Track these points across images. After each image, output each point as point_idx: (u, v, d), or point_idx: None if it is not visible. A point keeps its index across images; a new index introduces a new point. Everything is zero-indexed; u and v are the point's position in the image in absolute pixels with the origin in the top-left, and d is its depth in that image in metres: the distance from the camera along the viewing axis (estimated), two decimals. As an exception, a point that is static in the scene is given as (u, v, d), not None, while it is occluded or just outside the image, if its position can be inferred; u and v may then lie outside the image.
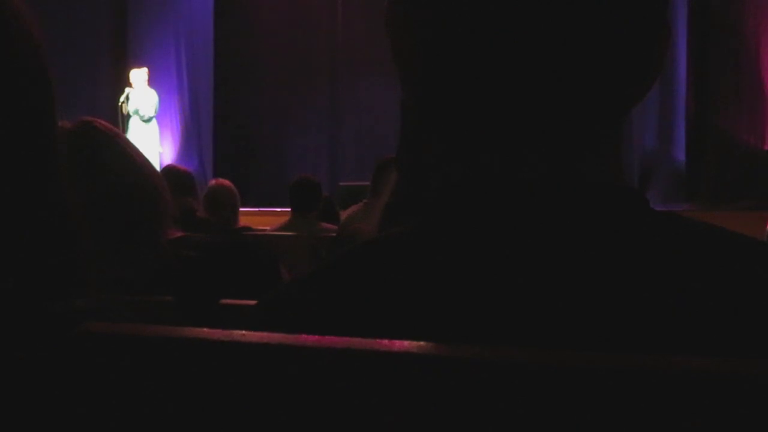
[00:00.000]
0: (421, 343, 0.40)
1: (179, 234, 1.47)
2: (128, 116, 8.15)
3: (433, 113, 0.56)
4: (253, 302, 0.58)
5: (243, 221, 4.46)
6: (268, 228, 4.39)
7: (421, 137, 0.58)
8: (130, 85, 8.25)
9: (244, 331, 0.42)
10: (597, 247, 0.49)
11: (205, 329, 0.43)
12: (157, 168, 1.76)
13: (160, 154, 8.29)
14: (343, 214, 4.45)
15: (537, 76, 0.51)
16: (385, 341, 0.40)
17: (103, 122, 1.50)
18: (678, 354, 0.39)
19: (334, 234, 3.75)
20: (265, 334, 0.42)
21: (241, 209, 4.33)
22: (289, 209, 4.42)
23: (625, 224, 0.51)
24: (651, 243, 0.50)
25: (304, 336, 0.41)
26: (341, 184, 7.37)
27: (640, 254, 0.49)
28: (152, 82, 8.41)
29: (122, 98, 8.18)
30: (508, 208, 0.51)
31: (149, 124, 8.22)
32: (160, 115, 8.50)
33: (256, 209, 7.44)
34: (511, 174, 0.52)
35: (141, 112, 8.13)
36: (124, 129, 7.81)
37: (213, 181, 4.47)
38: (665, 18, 0.55)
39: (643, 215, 0.52)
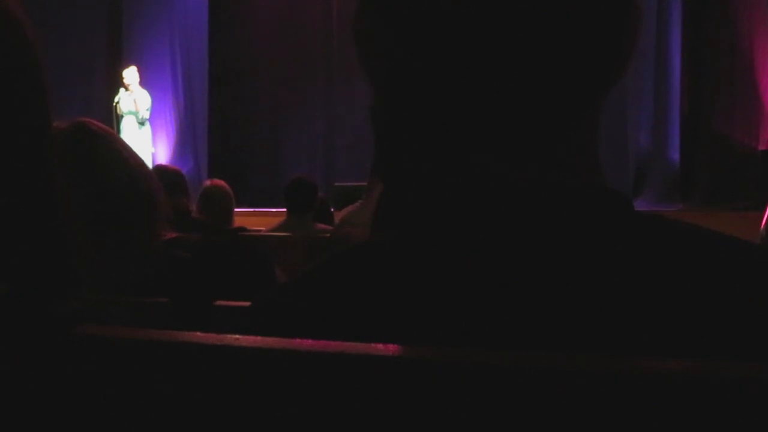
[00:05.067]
0: (415, 347, 0.40)
1: (173, 235, 1.46)
2: (121, 116, 8.13)
3: (402, 119, 0.56)
4: (247, 303, 0.58)
5: (238, 222, 4.46)
6: (263, 228, 4.39)
7: (394, 144, 0.57)
8: (123, 85, 8.23)
9: (237, 336, 0.42)
10: (579, 249, 0.49)
11: (198, 333, 0.43)
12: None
13: (153, 155, 8.27)
14: (338, 215, 4.45)
15: (504, 73, 0.51)
16: (379, 345, 0.40)
17: (97, 123, 1.50)
18: (660, 355, 0.39)
19: (328, 235, 3.75)
20: (257, 338, 0.42)
21: (236, 210, 4.32)
22: (284, 210, 4.42)
23: (607, 226, 0.51)
24: (633, 245, 0.50)
25: (297, 340, 0.41)
26: (336, 184, 7.37)
27: (622, 256, 0.49)
28: (147, 81, 8.39)
29: (116, 99, 8.17)
30: (490, 211, 0.51)
31: (142, 124, 8.19)
32: (155, 116, 8.48)
33: (251, 210, 7.44)
34: (487, 177, 0.52)
35: (134, 113, 8.11)
36: (118, 129, 7.79)
37: (208, 182, 4.46)
38: (632, 1, 0.55)
39: (625, 216, 0.52)
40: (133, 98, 8.11)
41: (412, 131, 0.55)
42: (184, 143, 9.06)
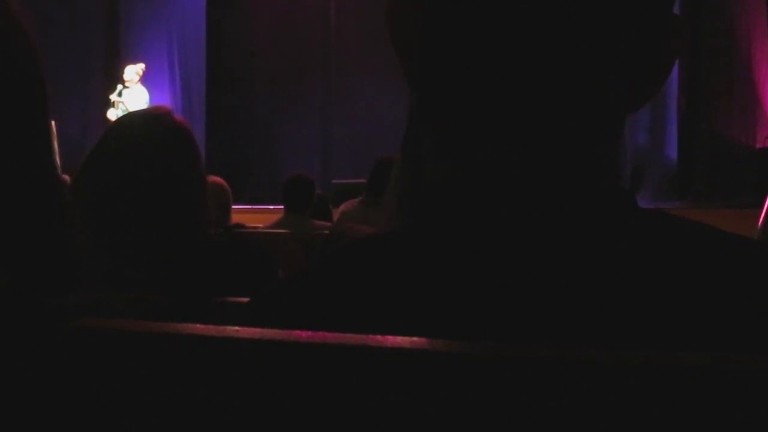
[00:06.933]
0: (414, 338, 0.40)
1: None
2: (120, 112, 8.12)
3: (430, 107, 0.56)
4: (246, 299, 0.59)
5: (235, 219, 4.45)
6: (260, 225, 4.38)
7: (421, 132, 0.58)
8: (123, 82, 8.22)
9: (237, 327, 0.43)
10: (581, 245, 0.49)
11: (198, 325, 0.44)
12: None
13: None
14: (336, 212, 4.45)
15: (534, 74, 0.51)
16: (378, 337, 0.40)
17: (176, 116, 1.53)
18: (662, 350, 0.39)
19: (326, 232, 3.75)
20: (257, 330, 0.42)
21: (233, 207, 4.32)
22: (281, 207, 4.42)
23: (609, 223, 0.51)
24: (636, 241, 0.50)
25: (296, 332, 0.41)
26: (334, 182, 7.37)
27: (624, 252, 0.49)
28: (145, 79, 8.38)
29: (114, 95, 8.15)
30: (495, 207, 0.51)
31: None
32: (153, 113, 8.44)
33: (249, 207, 7.43)
34: (501, 173, 0.52)
35: (131, 109, 8.09)
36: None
37: (205, 179, 4.44)
38: (671, 13, 0.54)
39: (628, 213, 0.52)
40: (128, 95, 8.08)
41: (437, 119, 0.56)
42: (181, 141, 9.01)
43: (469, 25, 0.51)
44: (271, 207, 6.79)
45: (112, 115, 7.99)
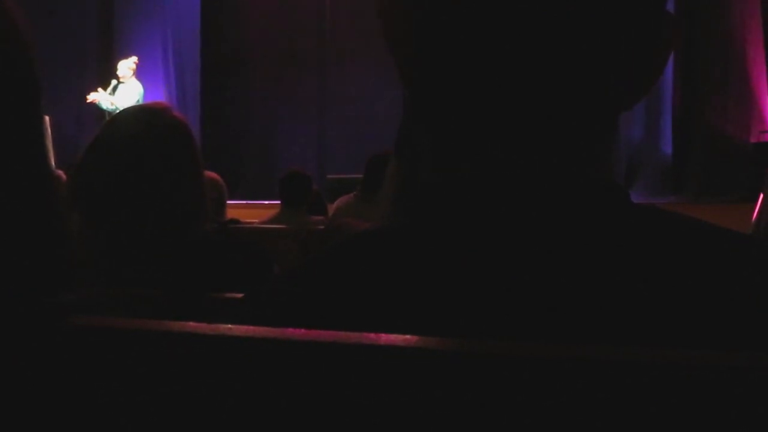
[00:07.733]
0: (408, 336, 0.40)
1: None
2: (114, 108, 8.10)
3: (424, 106, 0.56)
4: (240, 295, 0.59)
5: (231, 214, 4.45)
6: (255, 221, 4.38)
7: (415, 130, 0.58)
8: (117, 78, 8.20)
9: (230, 325, 0.43)
10: (577, 242, 0.49)
11: (191, 323, 0.44)
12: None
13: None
14: (332, 207, 4.46)
15: (531, 72, 0.51)
16: (372, 334, 0.40)
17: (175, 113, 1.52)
18: (657, 347, 0.39)
19: (322, 227, 3.76)
20: (251, 327, 0.42)
21: (229, 202, 4.32)
22: (277, 202, 4.42)
23: (604, 219, 0.51)
24: (630, 237, 0.50)
25: (290, 329, 0.41)
26: (329, 177, 7.37)
27: (619, 249, 0.49)
28: (139, 74, 8.37)
29: (108, 90, 8.13)
30: (492, 204, 0.52)
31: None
32: (147, 108, 8.43)
33: (244, 202, 7.42)
34: (499, 171, 0.52)
35: (124, 104, 8.07)
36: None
37: (200, 174, 4.43)
38: (665, 12, 0.55)
39: (622, 209, 0.52)
40: (122, 89, 8.06)
41: (432, 117, 0.56)
42: (176, 136, 8.99)
43: (465, 25, 0.51)
44: (266, 202, 6.79)
45: (104, 102, 7.95)
